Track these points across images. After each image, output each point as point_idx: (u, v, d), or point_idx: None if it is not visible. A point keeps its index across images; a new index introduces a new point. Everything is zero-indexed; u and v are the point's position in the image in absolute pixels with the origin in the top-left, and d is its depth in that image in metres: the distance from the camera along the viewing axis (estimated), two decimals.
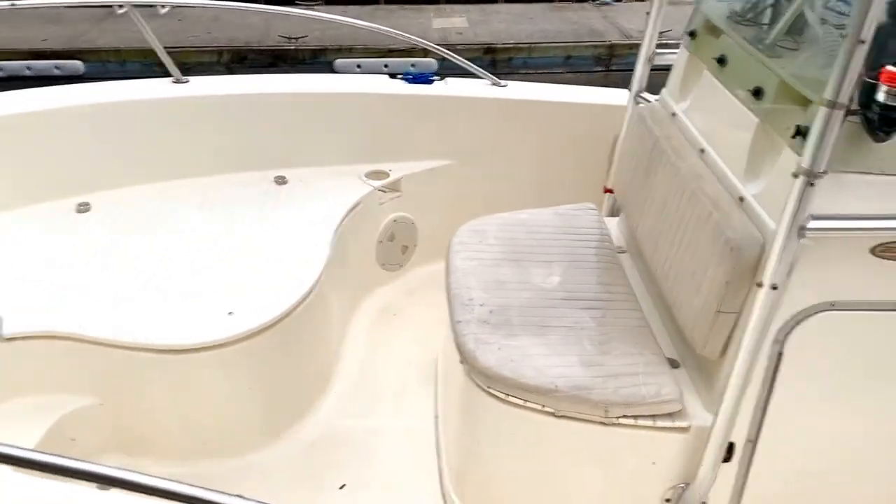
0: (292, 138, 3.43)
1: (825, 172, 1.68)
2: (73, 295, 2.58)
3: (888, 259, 1.88)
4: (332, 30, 9.47)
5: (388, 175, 3.45)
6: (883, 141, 1.73)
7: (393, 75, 3.63)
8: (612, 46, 9.33)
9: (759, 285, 1.83)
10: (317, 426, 2.77)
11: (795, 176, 1.70)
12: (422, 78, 3.57)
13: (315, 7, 10.66)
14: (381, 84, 3.57)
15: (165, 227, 3.00)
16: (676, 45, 2.76)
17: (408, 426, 2.78)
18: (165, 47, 3.45)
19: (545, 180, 3.56)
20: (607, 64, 9.39)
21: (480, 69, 3.64)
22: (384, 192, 3.40)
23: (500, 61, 9.10)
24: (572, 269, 2.64)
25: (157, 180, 3.29)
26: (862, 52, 1.55)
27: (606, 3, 11.18)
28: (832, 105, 1.60)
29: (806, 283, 1.89)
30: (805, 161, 1.68)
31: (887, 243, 1.86)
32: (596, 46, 9.32)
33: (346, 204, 3.19)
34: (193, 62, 8.92)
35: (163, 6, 9.66)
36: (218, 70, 9.15)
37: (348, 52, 8.59)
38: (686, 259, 2.19)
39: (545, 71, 9.18)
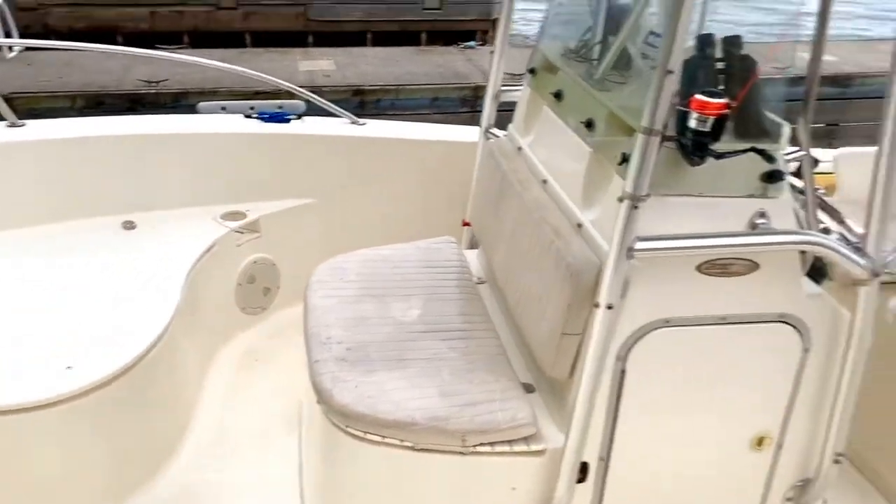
0: (140, 181, 3.29)
1: (648, 196, 1.78)
2: None
3: (713, 275, 2.00)
4: (198, 73, 9.26)
5: (245, 215, 3.37)
6: (697, 164, 1.85)
7: (248, 115, 3.57)
8: (476, 88, 9.63)
9: (597, 306, 1.90)
10: (170, 484, 2.61)
11: (621, 200, 1.79)
12: (278, 116, 3.53)
13: (177, 50, 10.41)
14: (235, 124, 3.51)
15: (1, 278, 2.79)
16: (521, 83, 2.87)
17: (270, 477, 2.67)
18: (11, 93, 3.25)
19: (406, 216, 3.59)
20: (472, 105, 9.66)
21: (339, 108, 3.65)
22: (241, 232, 3.32)
23: (368, 103, 9.18)
24: (432, 302, 2.66)
25: None
26: (671, 82, 1.66)
27: (470, 47, 11.56)
28: (648, 132, 1.71)
29: (641, 302, 1.99)
30: (628, 185, 1.77)
31: (710, 260, 1.98)
32: (461, 88, 9.59)
33: (199, 247, 3.08)
34: (44, 108, 8.47)
35: (10, 48, 9.15)
36: (71, 116, 8.73)
37: (212, 94, 8.42)
38: (533, 285, 2.25)
39: (413, 112, 9.34)
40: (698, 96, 1.76)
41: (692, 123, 1.78)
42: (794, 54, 1.94)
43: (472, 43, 12.59)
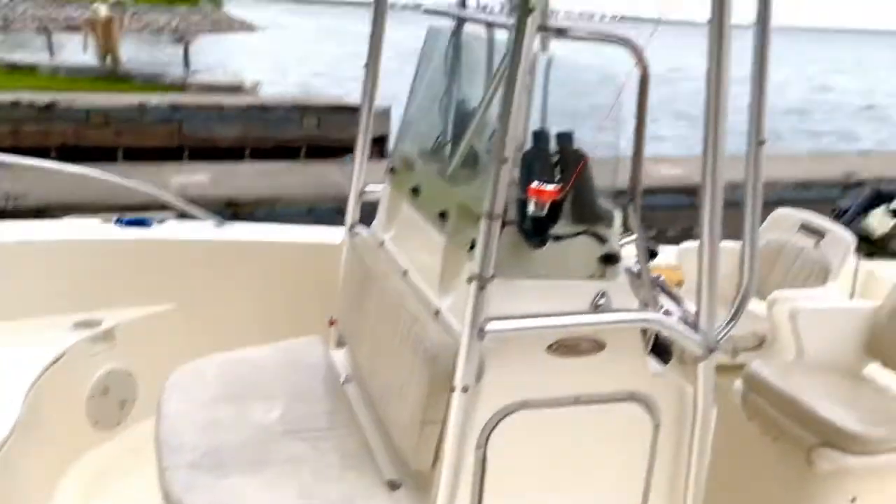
0: None
1: (493, 277, 1.85)
2: None
3: (563, 356, 2.08)
4: (61, 187, 8.96)
5: (100, 323, 3.21)
6: (539, 247, 1.96)
7: (106, 220, 3.48)
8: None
9: (453, 389, 1.92)
10: None
11: (469, 281, 1.85)
12: (137, 221, 3.46)
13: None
14: (91, 229, 3.40)
15: None
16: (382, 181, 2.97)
17: None
18: None
19: (273, 318, 3.53)
20: None
21: (202, 210, 3.62)
22: (94, 342, 3.15)
23: (242, 214, 9.12)
24: (295, 402, 2.59)
25: None
26: (506, 170, 1.78)
27: (346, 164, 11.89)
28: (489, 216, 1.80)
29: (497, 386, 2.02)
30: (475, 267, 1.84)
31: (559, 341, 2.06)
32: (336, 199, 9.73)
33: (45, 357, 2.90)
34: None
35: None
36: None
37: (75, 209, 8.10)
38: (395, 375, 2.25)
39: (289, 223, 9.33)
40: (535, 184, 1.89)
41: (531, 209, 1.89)
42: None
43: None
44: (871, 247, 4.48)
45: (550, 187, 1.88)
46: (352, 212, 3.11)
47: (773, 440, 2.92)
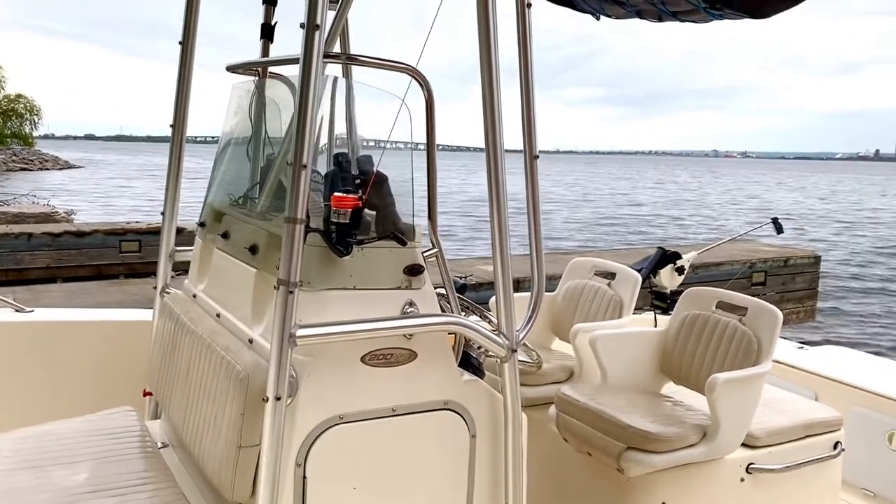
0: None
1: (301, 283, 1.91)
2: None
3: (377, 366, 2.13)
4: None
5: None
6: (344, 255, 2.05)
7: None
8: None
9: (265, 400, 1.91)
10: None
11: (277, 287, 1.89)
12: None
13: None
14: None
15: None
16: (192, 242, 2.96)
17: None
18: None
19: (81, 400, 3.31)
20: None
21: (6, 300, 3.41)
22: None
23: None
24: (103, 465, 2.43)
25: None
26: (306, 175, 1.88)
27: None
28: (292, 221, 1.88)
29: (314, 400, 2.03)
30: (282, 273, 1.89)
31: (372, 351, 2.12)
32: None
33: None
34: None
35: None
36: None
37: None
38: (208, 408, 2.19)
39: None
40: (336, 193, 2.00)
41: (334, 217, 1.99)
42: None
43: None
44: (664, 303, 4.95)
45: (351, 196, 1.99)
46: (162, 273, 3.06)
47: (587, 456, 3.08)
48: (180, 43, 2.86)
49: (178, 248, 3.05)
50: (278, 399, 1.91)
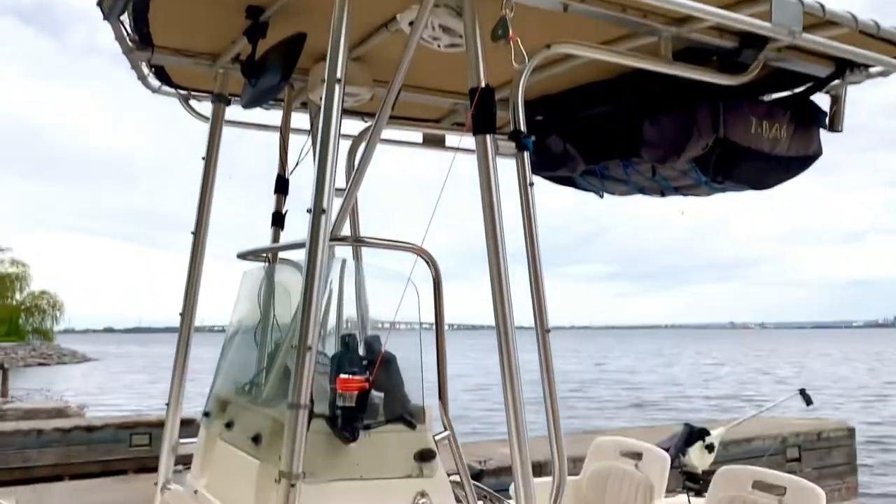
0: None
1: (303, 474, 1.79)
2: None
3: None
4: None
5: None
6: (351, 441, 1.94)
7: None
8: None
9: None
10: None
11: (278, 480, 1.77)
12: None
13: None
14: None
15: None
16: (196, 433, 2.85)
17: None
18: None
19: None
20: None
21: None
22: None
23: None
24: None
25: None
26: (310, 358, 1.82)
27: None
28: (295, 406, 1.79)
29: None
30: (283, 464, 1.77)
31: None
32: None
33: None
34: None
35: None
36: None
37: None
38: None
39: None
40: (342, 376, 1.93)
41: (339, 401, 1.91)
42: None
43: None
44: (697, 484, 4.65)
45: (357, 378, 1.92)
46: (163, 469, 2.92)
47: None
48: (192, 233, 2.92)
49: (183, 441, 2.93)
50: None
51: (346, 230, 2.77)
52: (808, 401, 5.40)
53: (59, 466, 14.12)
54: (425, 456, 2.05)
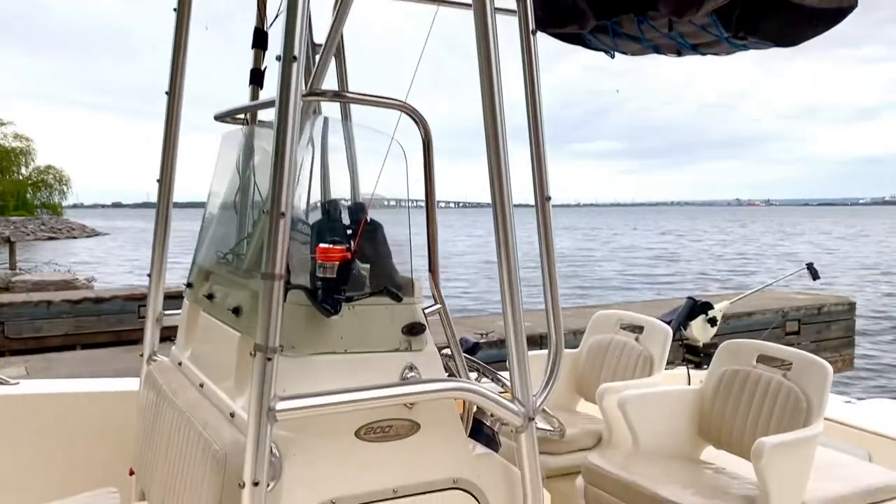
0: None
1: (281, 347, 1.66)
2: None
3: (374, 441, 1.86)
4: None
5: None
6: (332, 315, 1.80)
7: None
8: None
9: (242, 486, 1.64)
10: None
11: (253, 354, 1.65)
12: None
13: None
14: None
15: None
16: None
17: None
18: None
19: (69, 471, 3.06)
20: None
21: None
22: None
23: None
24: None
25: None
26: (285, 225, 1.65)
27: None
28: (270, 276, 1.64)
29: (301, 483, 1.76)
30: (259, 337, 1.64)
31: (367, 424, 1.85)
32: None
33: None
34: None
35: None
36: None
37: None
38: (185, 493, 1.93)
39: None
40: (322, 245, 1.76)
41: (319, 272, 1.75)
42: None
43: None
44: (697, 357, 4.62)
45: (338, 247, 1.76)
46: (149, 340, 2.83)
47: None
48: (167, 93, 2.68)
49: (167, 313, 2.82)
50: (256, 485, 1.64)
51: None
52: (815, 275, 5.30)
53: (70, 336, 14.46)
54: (414, 329, 1.92)
